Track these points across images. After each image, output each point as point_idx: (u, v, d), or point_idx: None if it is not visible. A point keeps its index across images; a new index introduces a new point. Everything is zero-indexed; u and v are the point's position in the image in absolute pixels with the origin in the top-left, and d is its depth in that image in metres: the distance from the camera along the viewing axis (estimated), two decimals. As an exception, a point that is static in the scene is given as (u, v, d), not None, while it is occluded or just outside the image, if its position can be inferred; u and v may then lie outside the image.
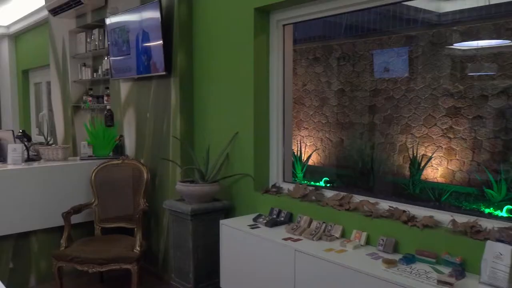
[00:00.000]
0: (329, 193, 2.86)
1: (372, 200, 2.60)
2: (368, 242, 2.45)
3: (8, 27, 7.76)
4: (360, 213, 2.54)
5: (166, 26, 3.63)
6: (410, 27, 5.65)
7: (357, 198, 2.68)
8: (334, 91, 6.77)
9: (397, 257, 2.20)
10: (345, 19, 6.20)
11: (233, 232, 2.84)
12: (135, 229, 3.56)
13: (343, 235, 2.58)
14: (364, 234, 2.45)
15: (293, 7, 3.00)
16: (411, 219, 2.31)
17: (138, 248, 3.36)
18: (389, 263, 2.10)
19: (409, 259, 2.14)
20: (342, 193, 2.75)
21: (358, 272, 2.07)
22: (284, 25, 3.15)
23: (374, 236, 2.42)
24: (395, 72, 5.90)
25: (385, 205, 2.53)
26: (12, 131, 3.90)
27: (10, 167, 3.63)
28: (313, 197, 2.86)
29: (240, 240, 2.78)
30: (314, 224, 2.70)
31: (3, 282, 1.66)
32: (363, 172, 6.16)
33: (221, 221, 2.96)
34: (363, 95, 6.31)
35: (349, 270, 2.11)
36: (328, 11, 2.84)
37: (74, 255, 3.29)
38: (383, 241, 2.33)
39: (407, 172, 5.71)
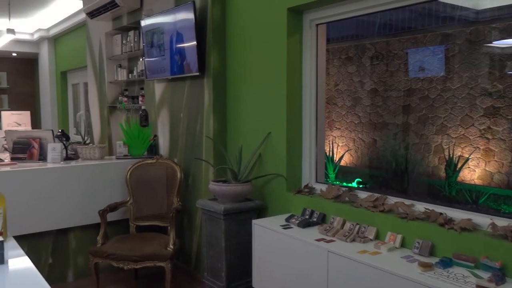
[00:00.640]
0: (362, 194, 2.82)
1: (407, 201, 2.55)
2: (403, 245, 2.41)
3: (48, 30, 8.03)
4: (395, 215, 2.49)
5: (200, 27, 3.67)
6: (446, 25, 5.52)
7: (392, 200, 2.64)
8: (367, 90, 6.68)
9: (433, 260, 2.15)
10: (378, 17, 6.11)
11: (266, 232, 2.84)
12: (169, 227, 3.61)
13: (377, 237, 2.54)
14: (399, 237, 2.41)
15: (327, 6, 2.98)
16: (448, 221, 2.26)
17: (171, 246, 3.41)
18: (426, 266, 2.06)
19: (446, 263, 2.09)
20: (376, 195, 2.71)
21: (393, 275, 2.04)
22: (317, 25, 3.14)
23: (410, 239, 2.38)
24: (430, 71, 5.77)
25: (420, 207, 2.48)
26: (52, 130, 4.02)
27: (49, 165, 3.75)
28: (346, 198, 2.84)
29: (273, 240, 2.78)
30: (348, 225, 2.67)
31: (42, 277, 1.72)
32: (397, 173, 6.05)
33: (254, 221, 2.97)
34: (397, 95, 6.21)
35: (384, 273, 2.08)
36: (362, 10, 2.81)
37: (110, 252, 3.37)
38: (419, 244, 2.29)
39: (442, 174, 5.58)
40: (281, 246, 2.71)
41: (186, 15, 3.66)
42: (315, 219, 2.88)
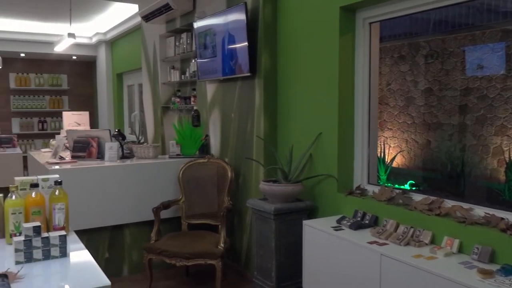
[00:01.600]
0: (417, 197, 2.74)
1: (465, 205, 2.45)
2: (460, 250, 2.31)
3: (105, 33, 8.36)
4: (452, 219, 2.40)
5: (251, 28, 3.69)
6: (507, 21, 5.25)
7: (448, 203, 2.54)
8: (421, 90, 6.47)
9: (494, 267, 2.06)
10: (433, 14, 5.91)
11: (316, 233, 2.82)
12: (219, 226, 3.67)
13: (433, 241, 2.45)
14: (457, 241, 2.32)
15: (380, 4, 2.92)
16: (510, 227, 2.15)
17: (222, 245, 3.46)
18: (486, 273, 1.97)
19: (508, 271, 1.99)
20: (432, 197, 2.62)
21: (450, 281, 1.97)
22: (370, 23, 3.08)
23: (468, 244, 2.28)
24: (489, 70, 5.51)
25: (480, 211, 2.38)
26: (109, 130, 4.18)
27: (107, 163, 3.91)
28: (400, 201, 2.76)
29: (324, 241, 2.76)
30: (401, 228, 2.60)
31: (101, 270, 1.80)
32: (452, 176, 5.82)
33: (304, 222, 2.96)
34: (453, 94, 5.97)
35: (440, 279, 2.01)
36: (418, 7, 2.73)
37: (163, 249, 3.47)
38: (478, 249, 2.19)
39: (502, 177, 5.31)
40: (332, 248, 2.68)
41: (238, 16, 3.70)
42: (367, 222, 2.83)
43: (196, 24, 4.36)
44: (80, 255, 1.99)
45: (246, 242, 3.94)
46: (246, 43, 3.64)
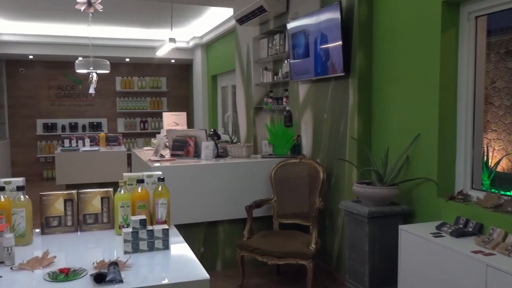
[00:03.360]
0: (529, 205, 2.51)
1: None
2: None
3: (201, 37, 8.73)
4: None
5: (345, 26, 3.63)
6: None
7: None
8: (532, 88, 5.91)
9: None
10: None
11: (414, 239, 2.70)
12: (311, 226, 3.66)
13: (548, 254, 2.23)
14: None
15: (489, -4, 2.71)
16: None
17: (313, 246, 3.44)
18: None
19: None
20: (547, 206, 2.38)
21: None
22: (476, 17, 2.87)
23: None
24: None
25: None
26: (205, 130, 4.36)
27: (203, 162, 4.08)
28: (509, 208, 2.55)
29: (422, 248, 2.63)
30: (510, 238, 2.39)
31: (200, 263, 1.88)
32: None
33: (400, 226, 2.84)
34: None
35: (558, 296, 1.82)
36: (534, -2, 2.50)
37: (255, 246, 3.54)
38: None
39: None
40: (431, 255, 2.55)
41: (332, 15, 3.66)
42: (470, 229, 2.64)
43: (290, 25, 4.38)
44: (180, 248, 2.10)
45: (337, 244, 3.89)
46: (340, 42, 3.59)
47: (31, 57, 9.14)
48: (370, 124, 3.64)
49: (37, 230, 2.26)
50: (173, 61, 10.11)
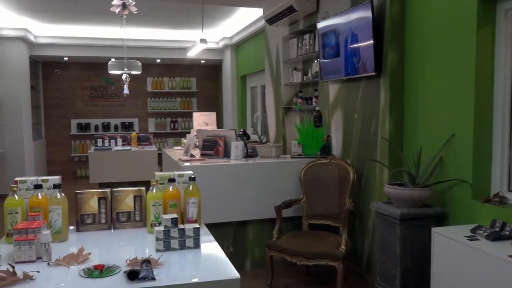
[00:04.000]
0: None
1: None
2: None
3: (231, 38, 8.78)
4: None
5: (377, 25, 3.58)
6: None
7: None
8: None
9: None
10: None
11: (448, 242, 2.63)
12: (341, 228, 3.62)
13: None
14: None
15: (528, -8, 2.63)
16: None
17: (343, 247, 3.41)
18: None
19: None
20: None
21: None
22: (514, 14, 2.79)
23: None
24: None
25: None
26: (235, 130, 4.38)
27: (232, 162, 4.10)
28: (549, 212, 2.46)
29: (456, 251, 2.57)
30: (550, 243, 2.31)
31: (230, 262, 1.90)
32: None
33: (433, 229, 2.78)
34: None
35: None
36: None
37: (284, 247, 3.53)
38: None
39: None
40: (466, 259, 2.48)
41: (363, 14, 3.62)
42: (507, 233, 2.56)
43: (320, 25, 4.35)
44: (210, 247, 2.12)
45: (368, 245, 3.84)
46: (371, 42, 3.55)
47: (66, 58, 9.41)
48: (402, 124, 3.58)
49: (72, 227, 2.33)
50: (203, 61, 10.20)
